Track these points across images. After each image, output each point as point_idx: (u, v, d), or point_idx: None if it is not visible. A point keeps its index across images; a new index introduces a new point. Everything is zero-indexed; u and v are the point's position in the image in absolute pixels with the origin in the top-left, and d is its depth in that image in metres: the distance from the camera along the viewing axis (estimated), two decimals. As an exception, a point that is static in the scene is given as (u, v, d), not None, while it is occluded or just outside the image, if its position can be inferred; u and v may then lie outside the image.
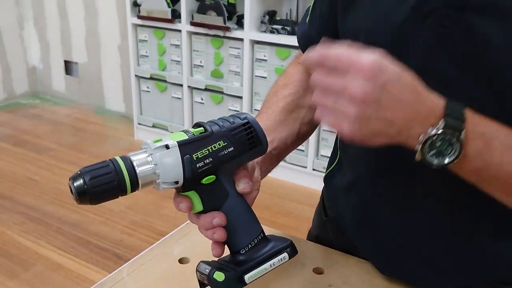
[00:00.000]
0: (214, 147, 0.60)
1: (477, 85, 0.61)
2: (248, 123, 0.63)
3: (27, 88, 4.26)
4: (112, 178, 0.54)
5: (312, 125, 0.85)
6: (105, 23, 3.73)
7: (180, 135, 0.59)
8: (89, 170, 0.54)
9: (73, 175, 0.54)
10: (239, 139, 0.62)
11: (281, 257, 0.64)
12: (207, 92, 3.04)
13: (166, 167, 0.57)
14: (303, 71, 0.86)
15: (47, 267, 2.12)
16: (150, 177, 0.57)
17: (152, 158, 0.57)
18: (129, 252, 2.23)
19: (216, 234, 0.62)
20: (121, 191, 0.55)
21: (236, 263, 0.63)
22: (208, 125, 0.61)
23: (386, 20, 0.66)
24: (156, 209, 2.57)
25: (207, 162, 0.59)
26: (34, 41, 4.18)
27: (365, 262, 0.81)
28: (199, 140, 0.59)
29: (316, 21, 0.83)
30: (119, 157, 0.56)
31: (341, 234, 0.86)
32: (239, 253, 0.63)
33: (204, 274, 0.62)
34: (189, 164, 0.58)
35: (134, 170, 0.55)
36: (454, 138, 0.53)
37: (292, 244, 0.65)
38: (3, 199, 2.65)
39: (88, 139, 3.48)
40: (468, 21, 0.59)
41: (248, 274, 0.61)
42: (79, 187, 0.53)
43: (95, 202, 0.55)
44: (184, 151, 0.58)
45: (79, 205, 0.55)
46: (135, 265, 0.79)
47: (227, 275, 0.60)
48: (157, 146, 0.57)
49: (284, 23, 2.68)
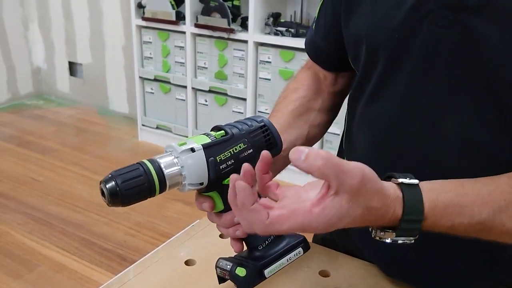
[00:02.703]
0: (235, 149, 0.63)
1: (476, 85, 0.61)
2: (265, 126, 0.66)
3: (31, 88, 4.27)
4: (143, 181, 0.57)
5: (321, 128, 0.86)
6: (109, 24, 3.74)
7: (203, 138, 0.62)
8: (120, 174, 0.56)
9: (105, 178, 0.56)
10: (258, 141, 0.65)
11: (297, 251, 0.68)
12: (211, 93, 3.04)
13: (192, 169, 0.59)
14: (312, 76, 0.88)
15: (51, 268, 2.12)
16: (177, 179, 0.59)
17: (179, 161, 0.59)
18: (133, 253, 2.23)
19: (239, 231, 0.65)
20: (150, 192, 0.58)
21: (254, 258, 0.66)
22: (228, 128, 0.64)
23: (384, 23, 0.67)
24: (159, 211, 2.58)
25: (229, 164, 0.62)
26: (39, 41, 4.20)
27: (371, 265, 0.81)
28: (222, 143, 0.62)
29: (321, 28, 0.84)
30: (147, 160, 0.58)
31: (347, 237, 0.86)
32: (257, 249, 0.67)
33: (225, 270, 0.65)
34: (214, 166, 0.61)
35: (162, 172, 0.58)
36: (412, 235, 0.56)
37: (305, 240, 0.70)
38: (7, 200, 2.65)
39: (91, 140, 3.49)
40: (465, 21, 0.60)
41: (268, 268, 0.65)
42: (111, 189, 0.55)
43: (126, 204, 0.57)
44: (208, 153, 0.60)
45: (109, 206, 0.57)
46: (141, 267, 0.79)
47: (248, 271, 0.64)
48: (183, 149, 0.59)
49: (288, 25, 2.69)
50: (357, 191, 0.49)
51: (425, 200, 0.55)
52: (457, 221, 0.57)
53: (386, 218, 0.54)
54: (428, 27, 0.63)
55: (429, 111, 0.66)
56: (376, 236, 0.57)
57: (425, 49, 0.64)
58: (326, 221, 0.49)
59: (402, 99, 0.68)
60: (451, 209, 0.57)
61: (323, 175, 0.48)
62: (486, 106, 0.62)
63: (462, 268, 0.73)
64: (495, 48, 0.58)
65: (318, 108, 0.85)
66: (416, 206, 0.55)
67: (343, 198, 0.49)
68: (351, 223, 0.51)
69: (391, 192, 0.54)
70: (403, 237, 0.56)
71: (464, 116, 0.63)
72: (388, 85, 0.69)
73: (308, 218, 0.49)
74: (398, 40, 0.66)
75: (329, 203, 0.49)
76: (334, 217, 0.50)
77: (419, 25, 0.63)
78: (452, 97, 0.64)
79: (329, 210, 0.49)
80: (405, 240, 0.56)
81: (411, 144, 0.68)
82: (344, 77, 0.87)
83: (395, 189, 0.55)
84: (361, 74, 0.75)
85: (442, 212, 0.56)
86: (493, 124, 0.62)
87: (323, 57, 0.87)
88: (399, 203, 0.54)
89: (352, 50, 0.76)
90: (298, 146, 0.49)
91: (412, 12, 0.64)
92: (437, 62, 0.64)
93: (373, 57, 0.70)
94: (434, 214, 0.56)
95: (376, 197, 0.52)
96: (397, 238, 0.56)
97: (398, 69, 0.67)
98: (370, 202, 0.51)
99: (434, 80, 0.65)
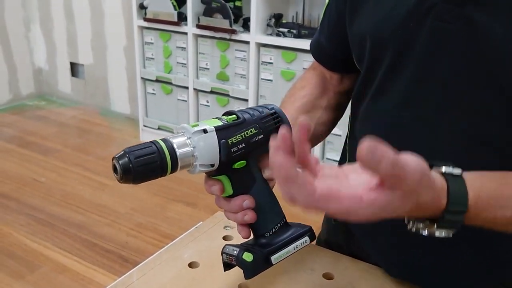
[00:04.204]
0: (246, 134, 0.63)
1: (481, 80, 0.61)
2: (275, 113, 0.67)
3: (33, 89, 4.27)
4: (156, 159, 0.57)
5: (327, 126, 0.86)
6: (111, 25, 3.74)
7: (215, 122, 0.62)
8: (133, 150, 0.56)
9: (118, 154, 0.57)
10: (268, 127, 0.65)
11: (303, 240, 0.67)
12: (212, 94, 3.04)
13: (204, 150, 0.60)
14: (319, 75, 0.88)
15: (53, 269, 2.12)
16: (189, 159, 0.59)
17: (191, 141, 0.59)
18: (135, 254, 2.23)
19: (247, 216, 0.64)
20: (162, 171, 0.58)
21: (261, 245, 0.66)
22: (240, 113, 0.64)
23: (388, 20, 0.68)
24: (161, 212, 2.58)
25: (240, 147, 0.62)
26: (40, 42, 4.20)
27: (375, 268, 0.81)
28: (233, 126, 0.62)
29: (325, 29, 0.85)
30: (161, 139, 0.59)
31: (351, 239, 0.86)
32: (264, 236, 0.67)
33: (232, 256, 0.65)
34: (225, 148, 0.61)
35: (175, 152, 0.58)
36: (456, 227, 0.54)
37: (311, 230, 0.69)
38: (9, 201, 2.65)
39: (93, 141, 3.49)
40: (469, 15, 0.60)
41: (274, 255, 0.65)
42: (124, 165, 0.56)
43: (138, 181, 0.57)
44: (220, 136, 0.61)
45: (121, 183, 0.57)
46: (144, 269, 0.79)
47: (255, 256, 0.64)
48: (196, 130, 0.60)
49: (290, 26, 2.68)
50: (414, 189, 0.47)
51: (469, 191, 0.54)
52: (500, 214, 0.56)
53: (431, 210, 0.52)
54: (432, 22, 0.63)
55: (434, 106, 0.65)
56: (413, 228, 0.55)
57: (430, 44, 0.64)
58: (373, 212, 0.46)
59: (407, 96, 0.68)
60: (495, 201, 0.56)
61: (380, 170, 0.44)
62: (491, 100, 0.62)
63: (465, 268, 0.73)
64: (500, 42, 0.58)
65: (324, 106, 0.85)
66: (461, 197, 0.53)
67: (397, 194, 0.46)
68: (395, 215, 0.49)
69: (438, 183, 0.52)
70: (444, 229, 0.54)
71: (469, 110, 0.63)
72: (392, 82, 0.69)
73: (356, 205, 0.46)
74: (402, 36, 0.66)
75: (381, 195, 0.46)
76: (382, 210, 0.47)
77: (423, 20, 0.64)
78: (457, 92, 0.64)
79: (379, 202, 0.46)
80: (444, 233, 0.54)
81: (416, 141, 0.68)
82: (350, 78, 0.87)
83: (440, 179, 0.53)
84: (365, 72, 0.75)
85: (486, 204, 0.55)
86: (499, 118, 0.62)
87: (327, 59, 0.87)
88: (444, 194, 0.52)
89: (356, 50, 0.76)
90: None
91: (416, 7, 0.64)
92: (441, 57, 0.63)
93: (378, 54, 0.70)
94: (477, 206, 0.54)
95: (428, 192, 0.50)
96: (437, 230, 0.54)
97: (402, 65, 0.67)
98: (422, 197, 0.49)
99: (438, 75, 0.64)
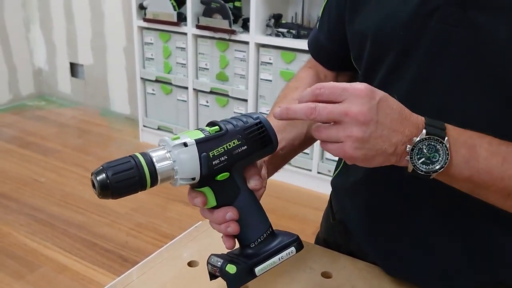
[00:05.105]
0: (229, 145, 0.62)
1: (483, 82, 0.62)
2: (260, 123, 0.65)
3: (33, 89, 4.28)
4: (134, 174, 0.56)
5: None
6: (111, 25, 3.74)
7: (197, 133, 0.61)
8: (111, 166, 0.55)
9: (96, 170, 0.56)
10: (252, 138, 0.64)
11: (289, 251, 0.66)
12: (212, 95, 3.05)
13: (184, 163, 0.59)
14: (313, 75, 0.88)
15: (53, 269, 2.13)
16: (168, 173, 0.58)
17: (171, 155, 0.58)
18: (135, 254, 2.23)
19: (230, 228, 0.64)
20: (141, 186, 0.57)
21: (246, 256, 0.65)
22: (222, 124, 0.63)
23: (391, 20, 0.67)
24: (161, 212, 2.58)
25: (222, 159, 0.61)
26: (40, 43, 4.20)
27: (373, 267, 0.81)
28: (215, 138, 0.61)
29: (324, 26, 0.84)
30: (139, 154, 0.58)
31: (349, 238, 0.87)
32: (249, 246, 0.66)
33: (216, 267, 0.64)
34: (206, 162, 0.60)
35: (154, 166, 0.57)
36: (438, 144, 0.57)
37: (298, 239, 0.67)
38: (9, 201, 2.66)
39: (93, 141, 3.49)
40: (472, 18, 0.60)
41: (258, 266, 0.64)
42: (102, 181, 0.55)
43: (116, 197, 0.56)
44: (201, 148, 0.60)
45: (100, 198, 0.57)
46: (144, 268, 0.80)
47: (239, 268, 0.63)
48: (176, 144, 0.59)
49: (290, 26, 2.69)
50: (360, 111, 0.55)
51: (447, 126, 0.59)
52: (478, 142, 0.59)
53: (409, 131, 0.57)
54: (435, 24, 0.63)
55: (434, 109, 0.66)
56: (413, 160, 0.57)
57: (432, 46, 0.64)
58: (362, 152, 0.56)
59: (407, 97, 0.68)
60: (471, 133, 0.59)
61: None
62: (494, 102, 0.62)
63: (463, 268, 0.73)
64: (503, 46, 0.59)
65: None
66: (438, 123, 0.59)
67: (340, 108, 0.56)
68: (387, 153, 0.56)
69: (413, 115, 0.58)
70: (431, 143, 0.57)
71: (472, 112, 0.64)
72: (393, 83, 0.69)
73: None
74: (405, 38, 0.66)
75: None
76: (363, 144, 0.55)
77: (426, 22, 0.64)
78: (459, 94, 0.64)
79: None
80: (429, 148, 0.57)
81: None
82: (345, 77, 0.87)
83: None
84: (365, 72, 0.75)
85: (463, 132, 0.59)
86: (500, 121, 0.62)
87: (325, 55, 0.87)
88: (421, 120, 0.58)
89: (355, 48, 0.76)
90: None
91: (419, 9, 0.64)
92: (443, 60, 0.64)
93: (378, 54, 0.70)
94: (456, 131, 0.59)
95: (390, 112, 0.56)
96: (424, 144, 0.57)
97: (403, 66, 0.67)
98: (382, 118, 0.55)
99: (440, 78, 0.65)
